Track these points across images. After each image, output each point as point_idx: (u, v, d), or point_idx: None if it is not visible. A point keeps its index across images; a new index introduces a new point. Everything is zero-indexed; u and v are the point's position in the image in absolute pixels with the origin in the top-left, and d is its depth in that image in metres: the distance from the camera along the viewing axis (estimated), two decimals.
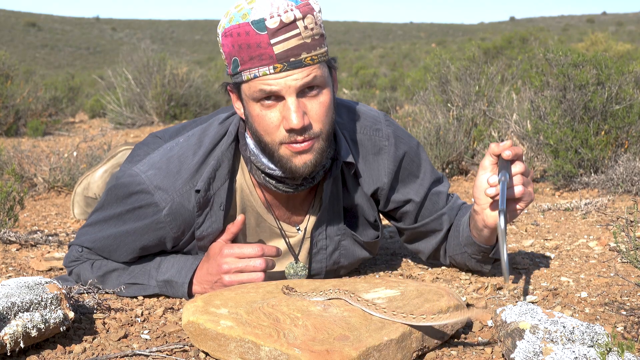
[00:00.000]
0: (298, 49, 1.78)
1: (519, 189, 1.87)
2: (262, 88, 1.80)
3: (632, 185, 3.52)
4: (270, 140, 1.86)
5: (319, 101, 1.84)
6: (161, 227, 1.97)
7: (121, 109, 8.43)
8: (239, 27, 1.78)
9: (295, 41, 1.77)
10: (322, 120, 1.86)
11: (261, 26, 1.76)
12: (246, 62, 1.80)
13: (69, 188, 4.16)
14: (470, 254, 2.14)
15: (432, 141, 4.25)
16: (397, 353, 1.52)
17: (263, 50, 1.77)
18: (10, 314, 1.56)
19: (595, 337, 1.45)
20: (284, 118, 1.82)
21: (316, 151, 1.88)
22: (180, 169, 1.96)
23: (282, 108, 1.82)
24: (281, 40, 1.76)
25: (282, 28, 1.76)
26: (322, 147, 1.89)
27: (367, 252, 2.20)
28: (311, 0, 1.82)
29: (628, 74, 3.88)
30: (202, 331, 1.57)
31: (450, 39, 43.22)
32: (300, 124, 1.80)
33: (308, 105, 1.83)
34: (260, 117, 1.85)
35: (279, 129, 1.84)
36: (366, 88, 13.79)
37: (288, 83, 1.79)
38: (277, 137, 1.85)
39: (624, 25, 53.05)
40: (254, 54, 1.78)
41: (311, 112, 1.84)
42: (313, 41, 1.80)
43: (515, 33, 13.62)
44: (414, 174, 2.15)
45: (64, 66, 42.45)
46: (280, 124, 1.83)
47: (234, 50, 1.81)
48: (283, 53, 1.77)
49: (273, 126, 1.84)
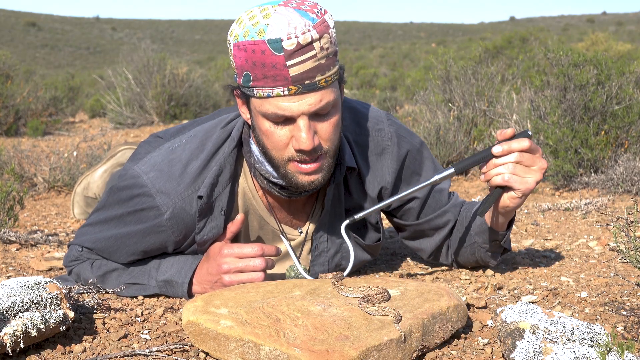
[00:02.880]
0: (313, 71, 1.75)
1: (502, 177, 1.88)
2: (275, 112, 1.78)
3: (632, 185, 3.52)
4: (278, 156, 1.86)
5: (329, 122, 1.84)
6: (162, 230, 1.97)
7: (121, 108, 8.43)
8: (255, 44, 1.74)
9: (311, 63, 1.74)
10: (330, 139, 1.85)
11: (278, 47, 1.72)
12: (259, 80, 1.77)
13: (69, 188, 4.16)
14: (480, 244, 2.14)
15: (432, 141, 4.25)
16: (397, 353, 1.52)
17: (278, 71, 1.74)
18: (10, 314, 1.56)
19: (595, 337, 1.45)
20: (294, 138, 1.81)
21: (324, 169, 1.89)
22: (183, 172, 1.95)
23: (293, 128, 1.81)
24: (297, 63, 1.73)
25: (299, 50, 1.72)
26: (329, 163, 1.90)
27: (368, 255, 2.20)
28: (327, 16, 1.78)
29: (628, 74, 3.88)
30: (202, 331, 1.57)
31: (450, 39, 43.21)
32: (310, 146, 1.79)
33: (318, 125, 1.82)
34: (270, 133, 1.84)
35: (288, 147, 1.83)
36: (366, 88, 13.79)
37: (300, 108, 1.77)
38: (285, 154, 1.85)
39: (624, 25, 53.05)
40: (269, 74, 1.75)
41: (321, 132, 1.83)
42: (327, 61, 1.78)
43: (515, 33, 13.61)
44: (417, 172, 2.15)
45: (64, 66, 42.44)
46: (290, 142, 1.83)
47: (247, 65, 1.77)
48: (298, 76, 1.74)
49: (282, 144, 1.83)
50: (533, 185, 1.90)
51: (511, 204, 1.95)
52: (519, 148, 1.88)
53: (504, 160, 1.89)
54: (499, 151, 1.89)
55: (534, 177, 1.90)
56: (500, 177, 1.90)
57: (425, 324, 1.59)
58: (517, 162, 1.88)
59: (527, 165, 1.89)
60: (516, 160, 1.88)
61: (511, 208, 1.97)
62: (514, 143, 1.88)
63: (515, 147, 1.88)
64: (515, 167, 1.88)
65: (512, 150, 1.88)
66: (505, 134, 1.91)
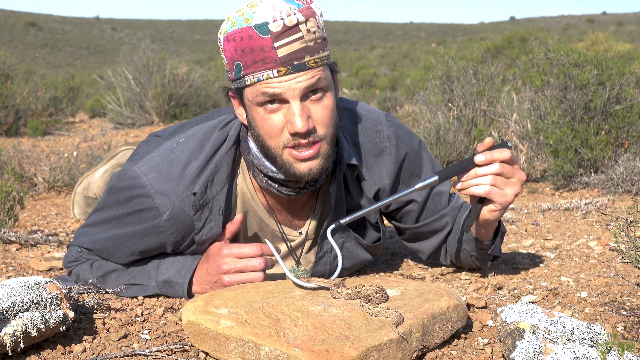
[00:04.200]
0: (301, 52, 1.77)
1: (483, 188, 1.88)
2: (266, 91, 1.79)
3: (632, 185, 3.52)
4: (274, 144, 1.86)
5: (322, 105, 1.84)
6: (161, 231, 1.97)
7: (121, 108, 8.43)
8: (242, 31, 1.77)
9: (299, 44, 1.77)
10: (326, 124, 1.85)
11: (264, 30, 1.75)
12: (249, 66, 1.79)
13: (69, 188, 4.16)
14: (469, 251, 2.15)
15: (432, 141, 4.25)
16: (397, 353, 1.52)
17: (267, 53, 1.76)
18: (10, 314, 1.56)
19: (595, 337, 1.45)
20: (288, 122, 1.81)
21: (322, 156, 1.87)
22: (182, 173, 1.95)
23: (286, 112, 1.82)
24: (285, 44, 1.76)
25: (286, 31, 1.75)
26: (327, 150, 1.88)
27: (369, 255, 2.19)
28: (313, 4, 1.82)
29: (629, 74, 3.88)
30: (202, 331, 1.57)
31: (450, 39, 43.21)
32: (304, 128, 1.79)
33: (312, 109, 1.83)
34: (264, 120, 1.84)
35: (283, 132, 1.83)
36: (366, 88, 13.79)
37: (292, 86, 1.78)
38: (280, 140, 1.85)
39: (624, 25, 53.02)
40: (258, 58, 1.77)
41: (315, 116, 1.83)
42: (316, 44, 1.80)
43: (515, 33, 13.62)
44: (416, 174, 2.15)
45: (64, 66, 42.44)
46: (284, 127, 1.83)
47: (236, 55, 1.80)
48: (287, 56, 1.76)
49: (277, 129, 1.84)
50: (512, 198, 1.91)
51: (491, 217, 1.96)
52: (500, 158, 1.88)
53: (485, 171, 1.88)
54: (481, 160, 1.88)
55: (513, 190, 1.90)
56: (482, 188, 1.89)
57: (425, 324, 1.59)
58: (498, 173, 1.88)
59: (507, 177, 1.89)
60: (497, 172, 1.88)
61: (491, 221, 1.98)
62: (496, 153, 1.88)
63: (498, 157, 1.88)
64: (495, 179, 1.88)
65: (495, 159, 1.88)
66: (485, 144, 1.90)
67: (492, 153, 1.88)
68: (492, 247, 2.11)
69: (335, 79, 1.93)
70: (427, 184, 1.93)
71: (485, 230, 2.04)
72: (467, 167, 1.90)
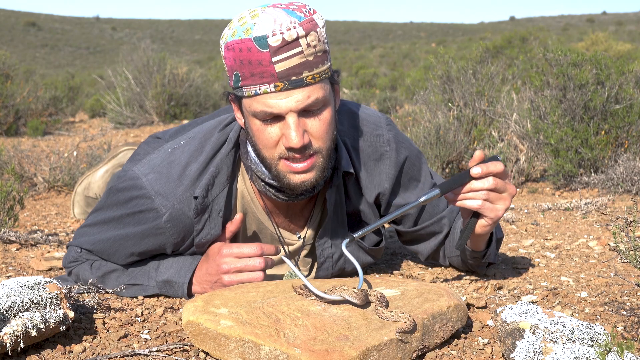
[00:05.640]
0: (299, 67, 1.76)
1: (476, 202, 1.89)
2: (263, 110, 1.79)
3: (632, 185, 3.53)
4: (269, 154, 1.86)
5: (319, 119, 1.83)
6: (161, 232, 1.97)
7: (121, 108, 8.43)
8: (241, 43, 1.76)
9: (297, 59, 1.75)
10: (322, 138, 1.85)
11: (263, 43, 1.73)
12: (247, 78, 1.78)
13: (69, 188, 4.16)
14: (463, 259, 2.17)
15: (432, 141, 4.25)
16: (397, 353, 1.52)
17: (264, 68, 1.75)
18: (10, 314, 1.56)
19: (595, 337, 1.45)
20: (284, 135, 1.81)
21: (316, 169, 1.87)
22: (182, 175, 1.95)
23: (282, 125, 1.81)
24: (283, 59, 1.74)
25: (285, 46, 1.73)
26: (323, 163, 1.88)
27: (370, 258, 2.20)
28: (315, 16, 1.79)
29: (628, 73, 3.88)
30: (202, 331, 1.57)
31: (450, 39, 43.20)
32: (300, 143, 1.79)
33: (308, 123, 1.82)
34: (260, 131, 1.84)
35: (278, 144, 1.83)
36: (366, 88, 13.78)
37: (289, 105, 1.77)
38: (276, 152, 1.85)
39: (624, 25, 53.01)
40: (255, 71, 1.76)
41: (311, 130, 1.83)
42: (315, 58, 1.78)
43: (515, 33, 13.61)
44: (416, 177, 2.15)
45: (64, 66, 42.42)
46: (280, 140, 1.83)
47: (235, 65, 1.79)
48: (284, 72, 1.75)
49: (272, 142, 1.83)
50: (502, 213, 1.93)
51: (482, 232, 1.98)
52: (495, 171, 1.89)
53: (480, 186, 1.89)
54: (477, 172, 1.89)
55: (504, 205, 1.92)
56: (475, 202, 1.91)
57: (425, 323, 1.59)
58: (491, 189, 1.89)
59: (500, 192, 1.91)
60: (490, 187, 1.89)
61: (482, 234, 2.00)
62: (491, 165, 1.89)
63: (492, 170, 1.89)
64: (488, 194, 1.90)
65: (490, 172, 1.89)
66: (475, 158, 1.91)
67: (487, 165, 1.89)
68: (485, 255, 2.13)
69: (335, 90, 1.92)
70: (429, 198, 1.94)
71: (477, 242, 2.07)
72: (464, 180, 1.92)
